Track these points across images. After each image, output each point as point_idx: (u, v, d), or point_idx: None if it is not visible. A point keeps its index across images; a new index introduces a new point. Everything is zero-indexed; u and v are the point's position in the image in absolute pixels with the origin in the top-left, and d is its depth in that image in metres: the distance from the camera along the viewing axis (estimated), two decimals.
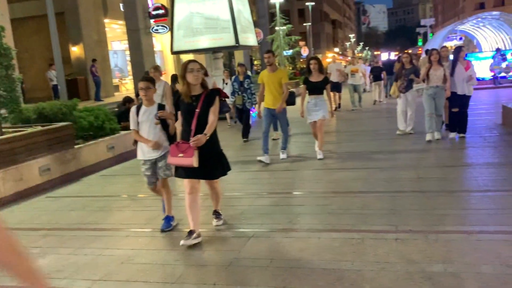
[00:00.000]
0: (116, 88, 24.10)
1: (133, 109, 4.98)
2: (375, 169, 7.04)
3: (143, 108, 4.91)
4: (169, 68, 31.13)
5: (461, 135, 8.73)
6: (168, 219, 5.06)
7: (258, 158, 7.98)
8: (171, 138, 4.88)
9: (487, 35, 27.14)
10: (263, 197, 6.09)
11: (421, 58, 18.50)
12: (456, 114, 8.69)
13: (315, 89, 7.92)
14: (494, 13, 25.73)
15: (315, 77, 7.92)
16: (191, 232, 4.47)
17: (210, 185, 4.85)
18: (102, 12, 22.13)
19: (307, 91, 8.05)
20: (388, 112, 13.35)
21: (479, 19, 25.67)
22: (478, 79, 12.13)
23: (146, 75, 8.08)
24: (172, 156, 4.45)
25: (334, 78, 14.82)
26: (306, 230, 4.71)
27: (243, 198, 6.12)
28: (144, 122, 4.88)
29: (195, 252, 4.31)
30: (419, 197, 5.45)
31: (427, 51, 16.51)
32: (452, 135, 8.79)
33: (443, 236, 4.21)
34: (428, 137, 8.63)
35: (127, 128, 8.10)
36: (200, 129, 4.40)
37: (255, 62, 45.40)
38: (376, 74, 16.97)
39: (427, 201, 5.28)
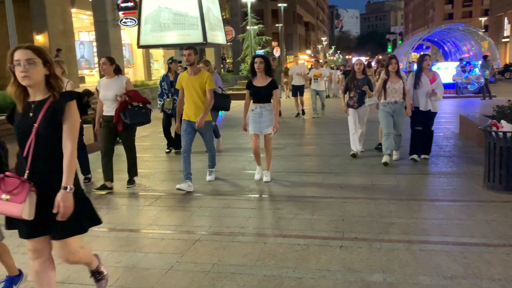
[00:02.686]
0: (82, 79, 23.64)
1: None
2: (330, 173, 7.08)
3: None
4: (138, 62, 30.77)
5: (424, 156, 7.73)
6: None
7: (177, 186, 6.26)
8: None
9: (453, 45, 27.88)
10: (215, 199, 6.02)
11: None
12: (419, 133, 7.57)
13: (260, 95, 6.47)
14: (459, 24, 26.49)
15: (260, 81, 6.46)
16: None
17: (61, 251, 2.86)
18: (69, 1, 21.65)
19: (251, 98, 6.63)
20: None
21: (446, 29, 26.35)
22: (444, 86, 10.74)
23: None
24: None
25: (296, 81, 14.80)
26: (254, 234, 4.67)
27: (193, 199, 6.03)
28: None
29: (138, 254, 4.21)
30: (369, 204, 5.49)
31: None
32: (415, 156, 7.62)
33: (387, 245, 4.24)
34: (385, 159, 7.45)
35: (85, 122, 7.90)
36: (39, 155, 2.71)
37: (228, 60, 45.29)
38: None
39: (376, 208, 5.32)
